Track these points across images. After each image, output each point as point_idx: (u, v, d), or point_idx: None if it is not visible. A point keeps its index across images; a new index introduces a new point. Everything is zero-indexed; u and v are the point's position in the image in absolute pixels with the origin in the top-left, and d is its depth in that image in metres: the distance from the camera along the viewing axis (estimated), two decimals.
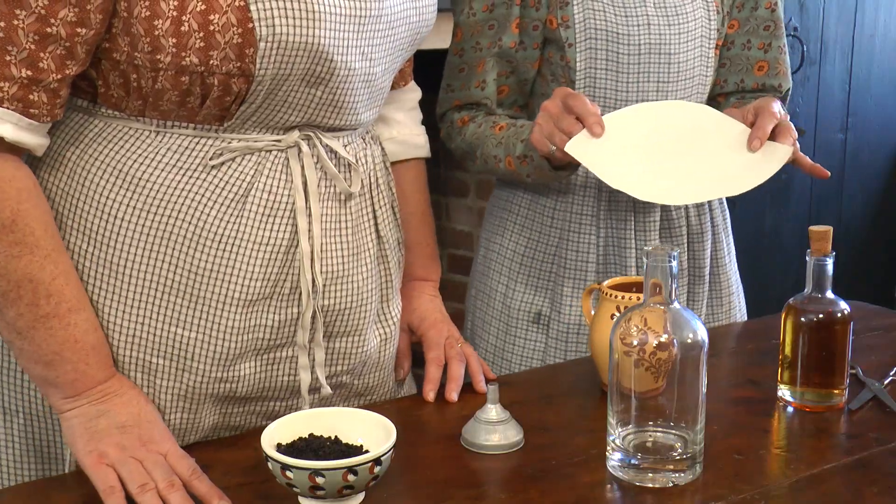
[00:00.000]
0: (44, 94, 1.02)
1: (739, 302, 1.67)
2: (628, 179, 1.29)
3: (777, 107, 1.34)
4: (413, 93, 1.45)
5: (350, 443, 1.07)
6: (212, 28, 1.02)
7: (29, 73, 0.99)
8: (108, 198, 1.11)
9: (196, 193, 1.11)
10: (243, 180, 1.12)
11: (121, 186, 1.10)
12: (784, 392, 1.29)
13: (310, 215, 1.15)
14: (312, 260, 1.16)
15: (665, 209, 1.53)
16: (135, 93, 1.08)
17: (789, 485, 1.07)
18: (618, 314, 1.22)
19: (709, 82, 1.54)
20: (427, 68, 1.73)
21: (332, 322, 1.21)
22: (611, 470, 1.09)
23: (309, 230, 1.15)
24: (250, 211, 1.12)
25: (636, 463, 1.07)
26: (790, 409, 1.27)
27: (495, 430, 1.15)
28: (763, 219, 3.30)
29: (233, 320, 1.14)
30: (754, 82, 1.57)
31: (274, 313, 1.16)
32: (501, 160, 1.45)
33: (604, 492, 1.07)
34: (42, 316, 1.04)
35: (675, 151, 1.32)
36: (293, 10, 1.05)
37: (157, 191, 1.10)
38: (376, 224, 1.27)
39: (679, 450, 1.07)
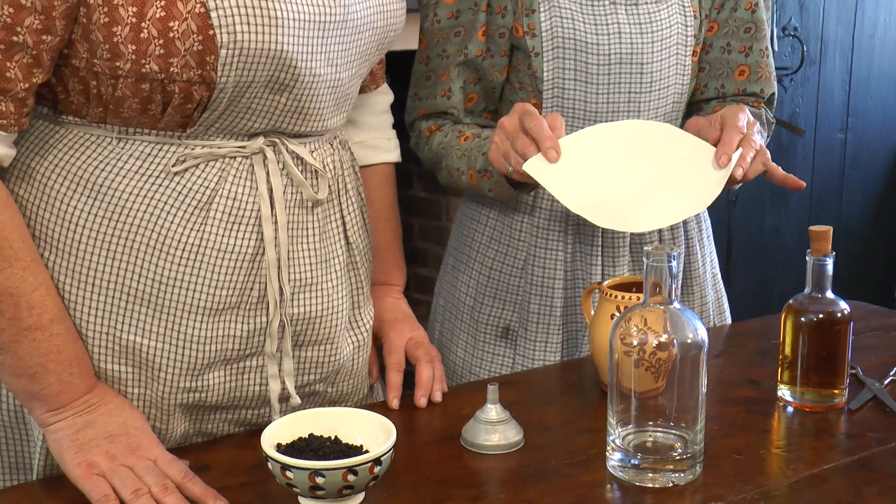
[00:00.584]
0: (11, 104, 1.01)
1: (721, 315, 1.63)
2: (588, 202, 1.24)
3: (743, 120, 1.28)
4: (384, 96, 1.43)
5: (350, 443, 1.07)
6: (171, 35, 1.01)
7: None
8: (69, 205, 1.09)
9: (158, 200, 1.09)
10: (207, 187, 1.10)
11: (81, 193, 1.09)
12: (784, 392, 1.29)
13: (276, 223, 1.14)
14: (279, 268, 1.15)
15: None
16: (95, 100, 1.06)
17: (789, 485, 1.07)
18: (618, 314, 1.22)
19: (686, 90, 1.49)
20: (400, 70, 1.69)
21: (303, 331, 1.20)
22: (611, 470, 1.09)
23: (275, 238, 1.14)
24: (214, 218, 1.11)
25: (636, 463, 1.07)
26: (790, 409, 1.27)
27: (495, 430, 1.15)
28: (763, 219, 3.30)
29: (199, 329, 1.12)
30: (735, 87, 1.52)
31: (242, 323, 1.14)
32: (464, 173, 1.41)
33: (604, 492, 1.07)
34: (25, 328, 1.03)
35: (635, 172, 1.27)
36: (255, 16, 1.03)
37: (119, 198, 1.09)
38: (345, 231, 1.25)
39: (679, 450, 1.07)
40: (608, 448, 1.10)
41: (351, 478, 0.99)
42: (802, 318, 1.25)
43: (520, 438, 1.16)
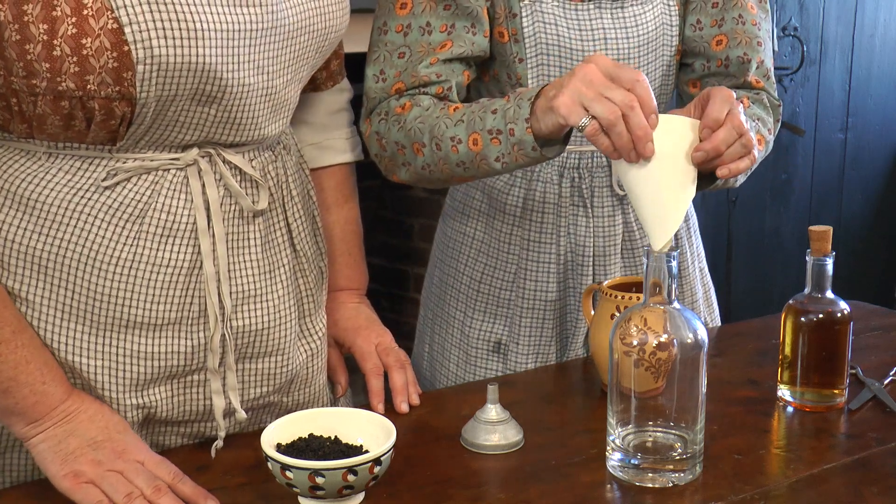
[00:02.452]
0: None
1: (710, 310, 1.62)
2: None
3: (716, 110, 1.12)
4: (340, 94, 1.37)
5: (350, 443, 1.07)
6: (85, 52, 0.97)
7: None
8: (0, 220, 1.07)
9: (89, 215, 1.06)
10: (139, 200, 1.07)
11: (10, 207, 1.07)
12: (784, 392, 1.29)
13: (213, 235, 1.10)
14: (220, 281, 1.12)
15: (627, 230, 1.47)
16: (18, 116, 1.03)
17: (789, 485, 1.07)
18: (618, 314, 1.22)
19: (671, 90, 1.46)
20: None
21: (250, 343, 1.16)
22: (611, 470, 1.09)
23: (213, 251, 1.11)
24: (148, 232, 1.07)
25: (636, 463, 1.07)
26: (790, 409, 1.27)
27: (495, 430, 1.15)
28: (763, 219, 3.30)
29: (138, 345, 1.10)
30: (717, 59, 1.43)
31: (184, 338, 1.11)
32: (462, 141, 1.23)
33: (604, 492, 1.06)
34: None
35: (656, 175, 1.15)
36: (172, 29, 1.00)
37: (49, 212, 1.06)
38: (291, 239, 1.22)
39: (679, 450, 1.07)
40: (608, 448, 1.10)
41: (351, 478, 0.99)
42: (802, 318, 1.25)
43: (520, 438, 1.16)
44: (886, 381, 1.34)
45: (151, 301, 1.09)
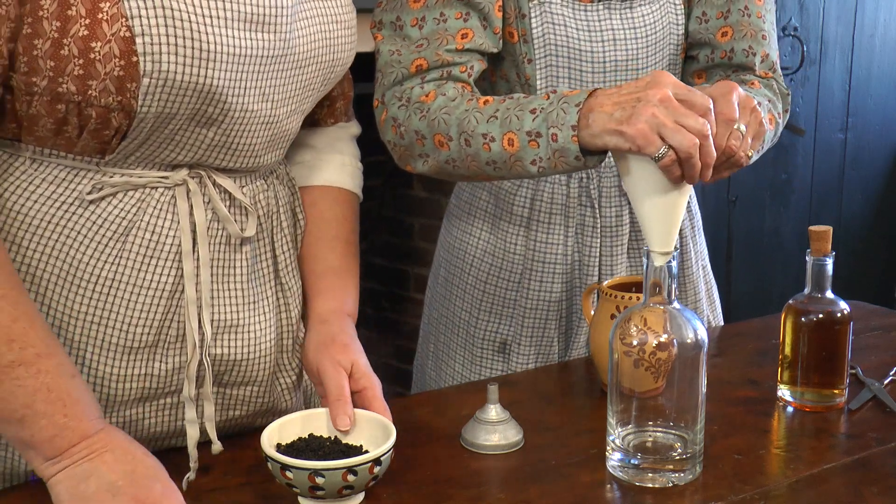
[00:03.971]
0: None
1: (712, 308, 1.62)
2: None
3: (731, 107, 1.09)
4: (345, 130, 1.32)
5: (350, 443, 1.07)
6: (92, 56, 0.96)
7: None
8: None
9: (72, 230, 1.04)
10: (124, 218, 1.04)
11: None
12: (784, 392, 1.29)
13: (197, 259, 1.07)
14: (201, 307, 1.08)
15: (634, 230, 1.47)
16: (10, 114, 1.01)
17: (789, 485, 1.07)
18: (618, 314, 1.22)
19: None
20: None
21: (227, 371, 1.14)
22: (611, 470, 1.09)
23: (196, 275, 1.07)
24: (131, 251, 1.05)
25: (636, 463, 1.07)
26: (790, 409, 1.27)
27: (495, 430, 1.15)
28: (763, 219, 3.30)
29: (111, 367, 1.06)
30: (722, 51, 1.42)
31: (160, 361, 1.08)
32: (496, 139, 1.18)
33: (604, 492, 1.07)
34: (5, 365, 0.92)
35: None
36: (184, 47, 0.98)
37: (30, 224, 1.03)
38: (276, 271, 1.18)
39: (679, 450, 1.07)
40: (608, 448, 1.10)
41: (351, 478, 0.99)
42: (802, 318, 1.25)
43: (520, 438, 1.16)
44: (886, 381, 1.34)
45: (129, 323, 1.06)
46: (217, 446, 1.12)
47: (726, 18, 1.43)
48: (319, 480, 0.98)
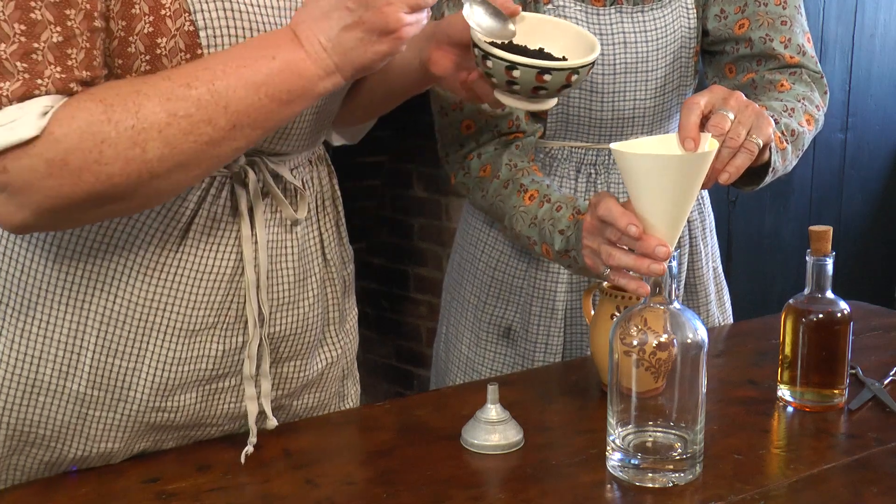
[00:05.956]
0: None
1: (722, 309, 1.64)
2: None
3: (702, 98, 1.14)
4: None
5: (553, 54, 1.14)
6: (158, 52, 0.98)
7: (87, 73, 0.95)
8: None
9: (136, 220, 1.06)
10: (187, 207, 1.07)
11: None
12: (784, 392, 1.29)
13: (256, 243, 1.11)
14: (259, 288, 1.12)
15: None
16: None
17: (789, 485, 1.07)
18: (618, 314, 1.22)
19: (690, 90, 1.48)
20: None
21: (276, 348, 1.18)
22: (611, 470, 1.09)
23: (255, 258, 1.11)
24: (193, 239, 1.08)
25: (636, 463, 1.07)
26: (790, 409, 1.27)
27: (495, 430, 1.15)
28: (763, 219, 3.30)
29: (174, 350, 1.10)
30: (744, 41, 1.45)
31: (217, 343, 1.12)
32: (537, 243, 1.32)
33: (604, 492, 1.07)
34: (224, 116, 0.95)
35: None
36: (245, 38, 1.01)
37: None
38: (322, 248, 1.23)
39: (679, 450, 1.07)
40: (608, 448, 1.10)
41: (547, 77, 1.05)
42: (803, 318, 1.25)
43: (520, 438, 1.16)
44: (886, 381, 1.34)
45: (193, 307, 1.10)
46: (272, 422, 1.16)
47: (743, 12, 1.45)
48: (515, 74, 1.02)
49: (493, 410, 1.16)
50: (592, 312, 1.31)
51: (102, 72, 0.97)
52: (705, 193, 1.60)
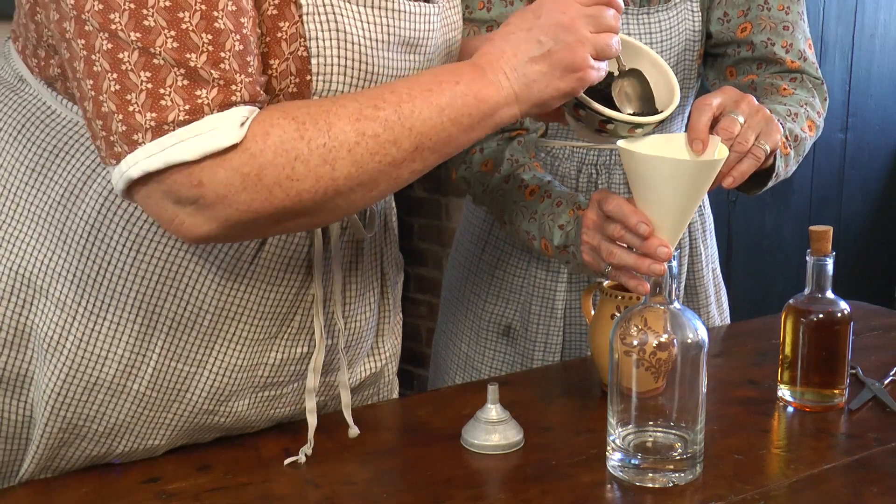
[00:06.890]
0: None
1: (720, 311, 1.64)
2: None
3: (714, 99, 1.15)
4: None
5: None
6: (270, 73, 0.99)
7: (263, 79, 0.96)
8: (136, 220, 1.06)
9: None
10: None
11: (140, 218, 1.05)
12: (784, 392, 1.29)
13: (329, 259, 1.13)
14: (334, 303, 1.15)
15: None
16: None
17: (789, 485, 1.07)
18: (618, 314, 1.22)
19: (691, 94, 1.49)
20: None
21: (333, 359, 1.20)
22: (611, 470, 1.09)
23: (324, 275, 1.13)
24: (268, 252, 1.09)
25: (636, 463, 1.07)
26: (790, 409, 1.27)
27: (495, 430, 1.15)
28: (763, 219, 3.31)
29: (235, 358, 1.11)
30: (746, 45, 1.46)
31: (276, 352, 1.14)
32: (536, 238, 1.32)
33: (604, 492, 1.07)
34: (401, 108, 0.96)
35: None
36: (352, 69, 1.02)
37: None
38: (382, 264, 1.26)
39: (679, 450, 1.07)
40: (608, 448, 1.10)
41: (609, 127, 1.09)
42: (802, 318, 1.25)
43: (520, 438, 1.16)
44: (886, 381, 1.34)
45: (260, 318, 1.11)
46: (354, 431, 1.18)
47: (746, 15, 1.46)
48: (609, 127, 1.07)
49: (493, 410, 1.16)
50: (592, 312, 1.31)
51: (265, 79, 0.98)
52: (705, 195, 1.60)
